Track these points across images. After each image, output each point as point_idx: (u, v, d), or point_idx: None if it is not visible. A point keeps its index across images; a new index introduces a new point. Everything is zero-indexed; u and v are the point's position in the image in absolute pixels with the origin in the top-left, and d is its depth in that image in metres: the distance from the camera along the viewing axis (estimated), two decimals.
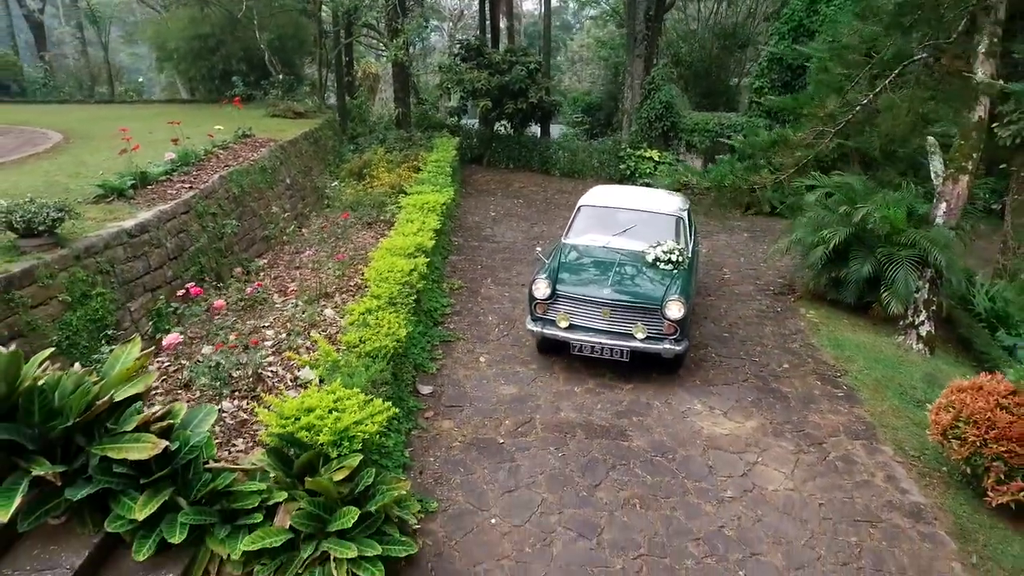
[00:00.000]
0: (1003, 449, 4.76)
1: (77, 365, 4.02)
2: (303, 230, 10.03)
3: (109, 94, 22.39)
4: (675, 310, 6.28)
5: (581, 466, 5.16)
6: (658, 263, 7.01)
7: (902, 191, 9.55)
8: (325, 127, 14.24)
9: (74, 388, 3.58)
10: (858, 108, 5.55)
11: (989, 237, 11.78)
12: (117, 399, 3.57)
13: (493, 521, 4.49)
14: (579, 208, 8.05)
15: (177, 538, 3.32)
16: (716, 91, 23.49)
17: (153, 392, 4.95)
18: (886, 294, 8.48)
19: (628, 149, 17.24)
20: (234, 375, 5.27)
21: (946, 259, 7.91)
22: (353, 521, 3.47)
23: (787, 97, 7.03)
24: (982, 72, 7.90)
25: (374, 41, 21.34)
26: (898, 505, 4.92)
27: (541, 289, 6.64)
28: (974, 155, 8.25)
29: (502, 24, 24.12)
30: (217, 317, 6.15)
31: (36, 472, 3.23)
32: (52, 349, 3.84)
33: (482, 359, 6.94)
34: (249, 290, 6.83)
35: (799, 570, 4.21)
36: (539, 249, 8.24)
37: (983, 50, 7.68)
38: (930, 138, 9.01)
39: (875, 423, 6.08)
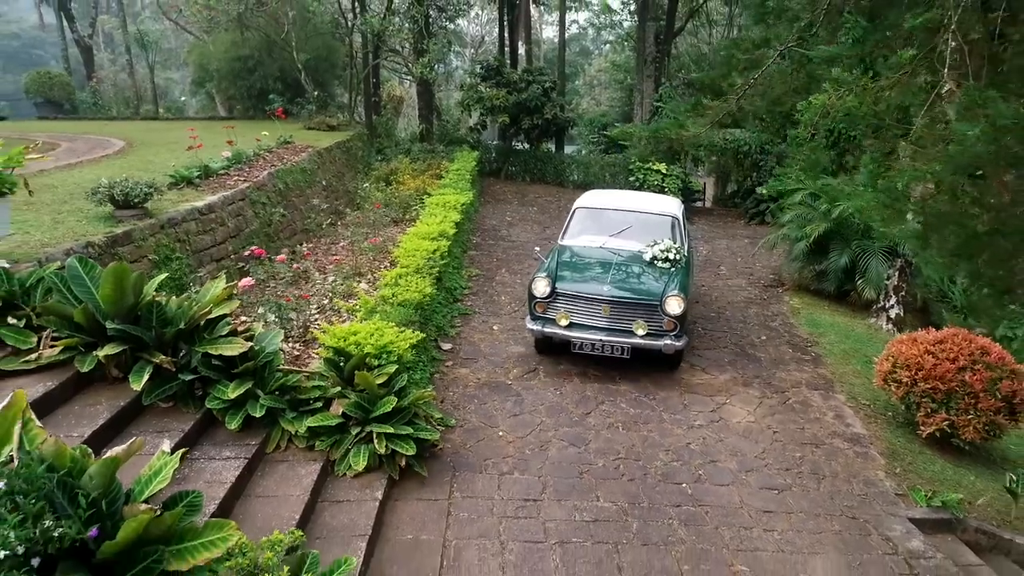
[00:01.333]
0: (929, 387, 5.68)
1: (173, 297, 5.13)
2: (337, 225, 11.19)
3: (154, 111, 24.09)
4: (675, 306, 6.40)
5: (575, 401, 6.16)
6: (656, 261, 7.14)
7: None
8: (355, 139, 15.52)
9: (178, 307, 4.68)
10: (752, 80, 6.70)
11: None
12: (213, 315, 4.66)
13: (500, 434, 5.49)
14: (574, 210, 8.13)
15: (258, 413, 4.37)
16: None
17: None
18: (860, 281, 9.43)
19: (637, 162, 18.29)
20: (286, 326, 6.36)
21: (913, 249, 8.81)
22: (392, 406, 4.50)
23: (703, 74, 8.75)
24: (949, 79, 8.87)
25: (398, 65, 22.79)
26: (841, 434, 5.84)
27: (541, 288, 6.68)
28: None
29: (521, 48, 25.52)
30: (271, 283, 7.27)
31: (156, 360, 4.31)
32: (166, 274, 4.96)
33: (495, 327, 7.97)
34: (296, 265, 7.94)
35: (748, 472, 5.15)
36: (538, 249, 8.42)
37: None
38: (902, 142, 9.98)
39: (835, 379, 7.00)
